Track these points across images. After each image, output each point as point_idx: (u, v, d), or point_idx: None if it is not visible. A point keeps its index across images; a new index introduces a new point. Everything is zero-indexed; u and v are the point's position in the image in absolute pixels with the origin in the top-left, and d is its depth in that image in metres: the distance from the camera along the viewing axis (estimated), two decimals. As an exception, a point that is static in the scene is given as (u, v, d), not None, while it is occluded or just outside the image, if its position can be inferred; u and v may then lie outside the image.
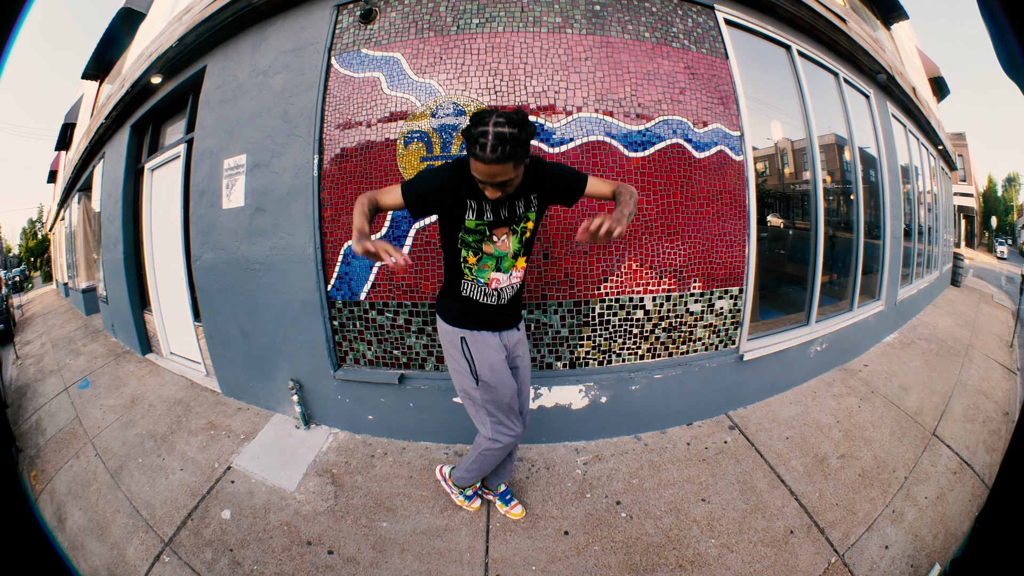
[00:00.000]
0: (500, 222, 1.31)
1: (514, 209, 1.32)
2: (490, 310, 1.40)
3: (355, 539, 1.67)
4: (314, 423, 2.44)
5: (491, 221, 1.30)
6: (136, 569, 1.61)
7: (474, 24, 2.13)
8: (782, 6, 2.62)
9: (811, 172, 2.91)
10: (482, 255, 1.34)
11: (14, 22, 0.70)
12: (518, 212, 1.33)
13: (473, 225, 1.29)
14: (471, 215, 1.28)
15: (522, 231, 1.36)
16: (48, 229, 11.98)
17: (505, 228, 1.33)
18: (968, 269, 7.63)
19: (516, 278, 1.41)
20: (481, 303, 1.39)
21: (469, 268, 1.35)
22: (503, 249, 1.34)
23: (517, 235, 1.36)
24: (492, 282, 1.36)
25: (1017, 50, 0.67)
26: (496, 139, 1.06)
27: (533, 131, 1.13)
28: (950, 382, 3.00)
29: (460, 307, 1.41)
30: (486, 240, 1.32)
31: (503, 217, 1.31)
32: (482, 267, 1.35)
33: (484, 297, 1.38)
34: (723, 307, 2.38)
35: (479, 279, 1.36)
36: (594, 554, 1.56)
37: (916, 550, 1.56)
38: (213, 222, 2.65)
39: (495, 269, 1.36)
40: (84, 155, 5.11)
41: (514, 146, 1.08)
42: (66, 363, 4.28)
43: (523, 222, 1.35)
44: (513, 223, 1.34)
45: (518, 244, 1.36)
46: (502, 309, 1.42)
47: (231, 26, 2.59)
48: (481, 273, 1.35)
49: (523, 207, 1.33)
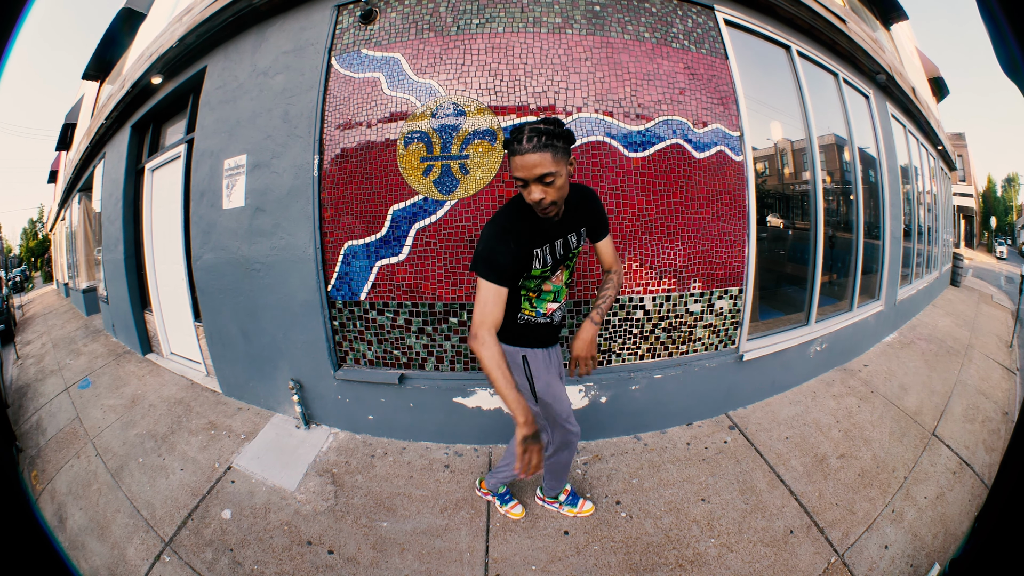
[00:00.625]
0: (558, 262, 1.35)
1: (568, 245, 1.36)
2: (543, 329, 1.46)
3: (355, 539, 1.67)
4: (314, 423, 2.45)
5: (554, 264, 1.34)
6: (136, 569, 1.61)
7: (474, 24, 2.13)
8: (782, 7, 2.63)
9: (811, 172, 2.91)
10: (541, 292, 1.40)
11: (15, 22, 0.70)
12: (571, 247, 1.37)
13: (538, 273, 1.34)
14: (536, 264, 1.30)
15: (572, 265, 1.45)
16: (49, 229, 11.99)
17: (561, 266, 1.40)
18: (967, 269, 7.64)
19: (563, 300, 1.49)
20: (537, 323, 1.44)
21: (528, 302, 1.40)
22: (558, 283, 1.42)
23: (569, 268, 1.44)
24: (549, 310, 1.44)
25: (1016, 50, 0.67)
26: (532, 132, 1.10)
27: (570, 133, 1.16)
28: (949, 382, 3.00)
29: (518, 331, 1.43)
30: (546, 281, 1.38)
31: (559, 257, 1.35)
32: (541, 300, 1.41)
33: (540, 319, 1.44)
34: (723, 307, 2.38)
35: (538, 310, 1.42)
36: (594, 554, 1.56)
37: (916, 550, 1.56)
38: (213, 222, 2.65)
39: (552, 300, 1.44)
40: (85, 155, 5.11)
41: (549, 137, 1.10)
42: (67, 363, 4.28)
43: (575, 257, 1.43)
44: (568, 260, 1.39)
45: (568, 275, 1.45)
46: (553, 328, 1.49)
47: (231, 26, 2.60)
48: (540, 305, 1.42)
49: (575, 242, 1.38)
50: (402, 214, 2.14)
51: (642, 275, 2.20)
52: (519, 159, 1.11)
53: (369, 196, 2.17)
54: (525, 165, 1.10)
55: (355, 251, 2.22)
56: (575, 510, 1.73)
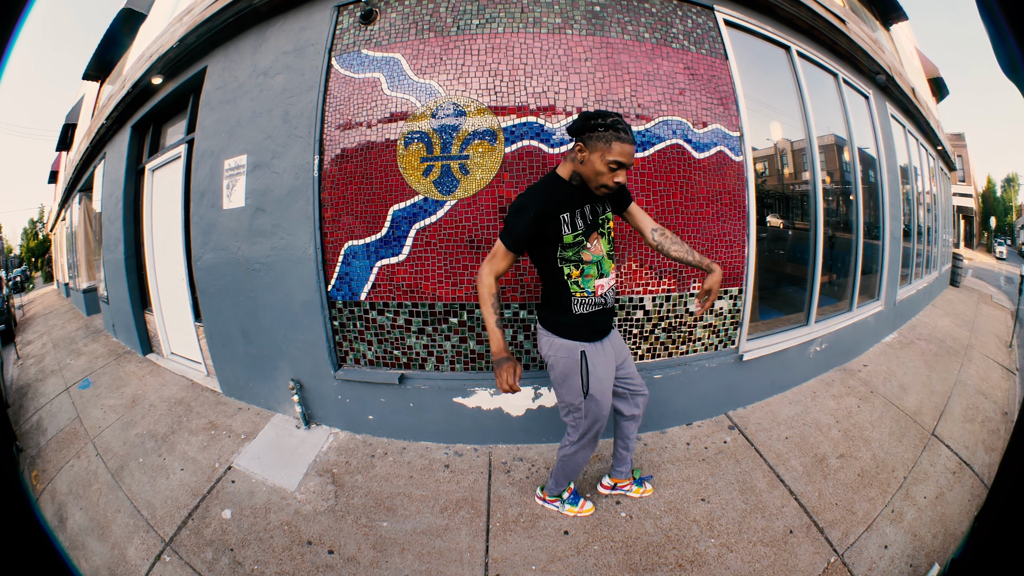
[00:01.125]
0: (591, 227, 1.41)
1: (596, 211, 1.42)
2: (597, 316, 1.47)
3: (355, 539, 1.67)
4: (314, 423, 2.45)
5: (585, 229, 1.39)
6: (137, 569, 1.61)
7: (474, 25, 2.13)
8: (782, 7, 2.63)
9: (810, 172, 2.92)
10: (583, 265, 1.41)
11: (15, 23, 0.70)
12: (599, 213, 1.43)
13: (571, 239, 1.38)
14: (566, 229, 1.37)
15: (608, 231, 1.47)
16: (49, 229, 12.00)
17: (595, 232, 1.42)
18: (967, 269, 7.65)
19: (613, 280, 1.51)
20: (589, 314, 1.45)
21: (576, 283, 1.41)
22: (598, 252, 1.43)
23: (605, 236, 1.46)
24: (598, 288, 1.44)
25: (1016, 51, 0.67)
26: (624, 127, 1.27)
27: None
28: (949, 382, 3.00)
29: (575, 320, 1.44)
30: (583, 249, 1.40)
31: (589, 222, 1.41)
32: (586, 277, 1.42)
33: (592, 307, 1.45)
34: (723, 307, 2.38)
35: (587, 289, 1.43)
36: (594, 554, 1.56)
37: (915, 550, 1.56)
38: (214, 222, 2.66)
39: (598, 276, 1.44)
40: (85, 155, 5.11)
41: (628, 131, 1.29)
42: (67, 363, 4.28)
43: (606, 222, 1.46)
44: (599, 226, 1.44)
45: (607, 244, 1.47)
46: (607, 312, 1.50)
47: (232, 27, 2.60)
48: (587, 283, 1.42)
49: (602, 208, 1.44)
50: (402, 214, 2.15)
51: (642, 275, 2.21)
52: (627, 147, 1.27)
53: (369, 196, 2.18)
54: (630, 153, 1.29)
55: (355, 251, 2.23)
56: (576, 509, 1.73)
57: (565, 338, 1.45)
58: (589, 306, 1.44)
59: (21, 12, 0.71)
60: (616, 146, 1.25)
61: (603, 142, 1.26)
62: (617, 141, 1.25)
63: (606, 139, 1.26)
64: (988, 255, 16.52)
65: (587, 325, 1.45)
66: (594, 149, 1.28)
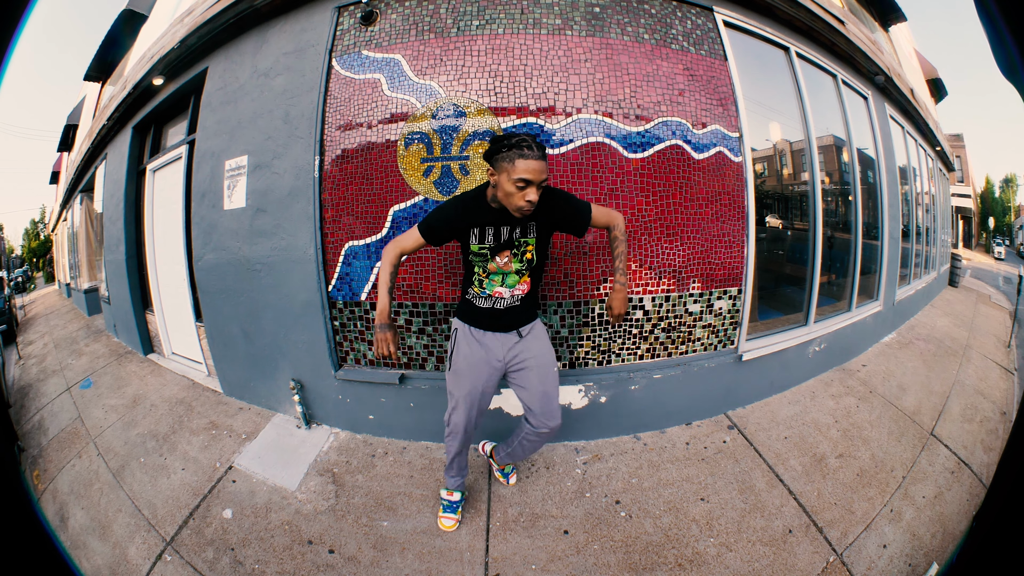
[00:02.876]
0: (500, 247, 1.46)
1: (512, 235, 1.45)
2: (485, 313, 1.54)
3: (356, 538, 1.68)
4: (315, 423, 2.45)
5: (492, 247, 1.45)
6: (138, 568, 1.61)
7: (474, 26, 2.14)
8: (781, 8, 2.64)
9: (809, 173, 2.93)
10: (488, 272, 1.50)
11: (16, 24, 0.70)
12: (515, 238, 1.45)
13: (476, 249, 1.46)
14: (474, 240, 1.45)
15: (522, 253, 1.48)
16: (50, 230, 12.00)
17: (507, 251, 1.46)
18: (966, 270, 7.66)
19: (519, 291, 1.53)
20: (478, 306, 1.54)
21: (479, 280, 1.52)
22: (506, 268, 1.49)
23: (518, 257, 1.48)
24: (495, 293, 1.52)
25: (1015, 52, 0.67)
26: (533, 141, 1.27)
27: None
28: (948, 382, 3.01)
29: (464, 305, 1.59)
30: (489, 261, 1.47)
31: (502, 242, 1.45)
32: (491, 281, 1.51)
33: (483, 302, 1.53)
34: (722, 307, 2.39)
35: (485, 289, 1.52)
36: (594, 553, 1.57)
37: (914, 549, 1.57)
38: (214, 223, 2.66)
39: (500, 284, 1.51)
40: (86, 156, 5.12)
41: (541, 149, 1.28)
42: (68, 363, 4.29)
43: (524, 246, 1.47)
44: (513, 246, 1.46)
45: (519, 264, 1.49)
46: (496, 313, 1.54)
47: (232, 28, 2.61)
48: (489, 285, 1.51)
49: (520, 233, 1.45)
50: (403, 215, 2.15)
51: (642, 275, 2.21)
52: (532, 163, 1.24)
53: (370, 197, 2.19)
54: (536, 169, 1.25)
55: (356, 251, 2.23)
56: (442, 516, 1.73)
57: (455, 316, 1.61)
58: (480, 300, 1.52)
59: (22, 13, 0.71)
60: (520, 164, 1.23)
61: (507, 162, 1.25)
62: (520, 159, 1.23)
63: (510, 159, 1.24)
64: (987, 255, 16.52)
65: (469, 312, 1.55)
66: (501, 171, 1.28)
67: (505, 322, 1.54)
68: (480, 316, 1.54)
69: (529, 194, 1.27)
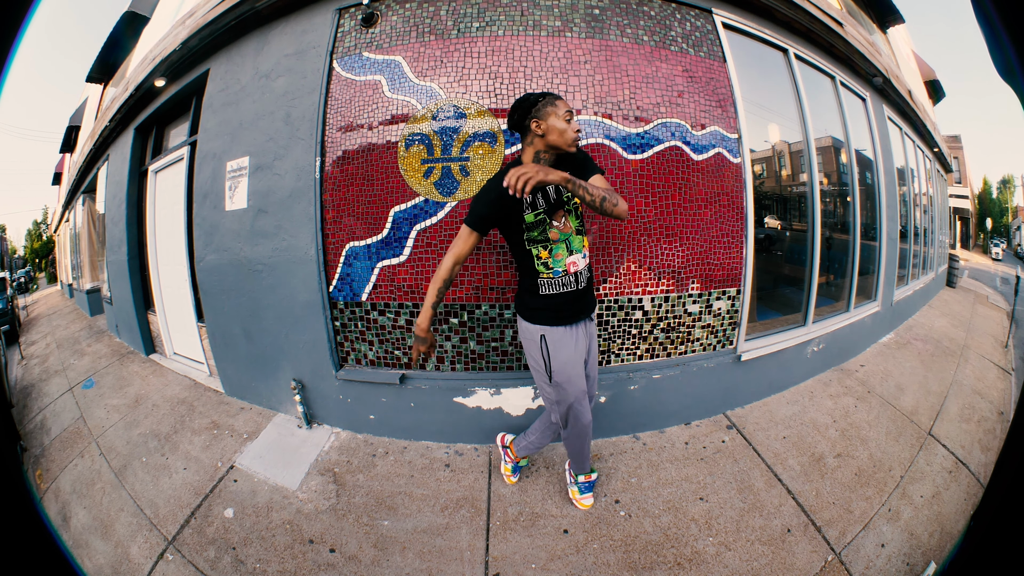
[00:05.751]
0: (554, 205, 1.44)
1: (559, 190, 1.44)
2: (570, 298, 1.49)
3: (357, 538, 1.69)
4: (316, 423, 2.46)
5: (546, 208, 1.43)
6: (140, 567, 1.62)
7: (474, 28, 2.16)
8: (779, 10, 2.65)
9: (808, 174, 2.94)
10: (551, 245, 1.44)
11: (19, 25, 0.71)
12: (563, 192, 1.45)
13: (533, 218, 1.42)
14: (528, 210, 1.42)
15: (575, 207, 1.48)
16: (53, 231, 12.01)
17: (560, 211, 1.45)
18: (963, 270, 7.67)
19: (587, 258, 1.52)
20: (562, 294, 1.48)
21: (544, 264, 1.46)
22: (566, 230, 1.45)
23: (572, 212, 1.47)
24: (570, 267, 1.46)
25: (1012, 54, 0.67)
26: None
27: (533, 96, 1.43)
28: (946, 382, 3.02)
29: (540, 304, 1.49)
30: (548, 228, 1.43)
31: (553, 200, 1.44)
32: (556, 256, 1.45)
33: (564, 287, 1.47)
34: (721, 308, 2.40)
35: (556, 269, 1.46)
36: (593, 552, 1.58)
37: (912, 548, 1.58)
38: (216, 224, 2.68)
39: (568, 253, 1.46)
40: (88, 157, 5.13)
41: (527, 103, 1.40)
42: (71, 363, 4.30)
43: (571, 201, 1.47)
44: (564, 204, 1.46)
45: (576, 220, 1.48)
46: (581, 295, 1.51)
47: (234, 29, 2.62)
48: (557, 263, 1.46)
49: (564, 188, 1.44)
50: (403, 216, 2.17)
51: (641, 276, 2.22)
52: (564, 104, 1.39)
53: (370, 198, 2.20)
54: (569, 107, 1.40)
55: (356, 252, 2.25)
56: (580, 497, 1.78)
57: (529, 322, 1.51)
58: (557, 287, 1.46)
59: (25, 15, 0.71)
60: (560, 103, 1.39)
61: (550, 105, 1.38)
62: (559, 100, 1.39)
63: (551, 102, 1.38)
64: (984, 256, 16.54)
65: (552, 308, 1.48)
66: (547, 115, 1.37)
67: (587, 301, 1.54)
68: (562, 306, 1.47)
69: (575, 124, 1.39)
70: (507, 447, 1.97)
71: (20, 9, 0.70)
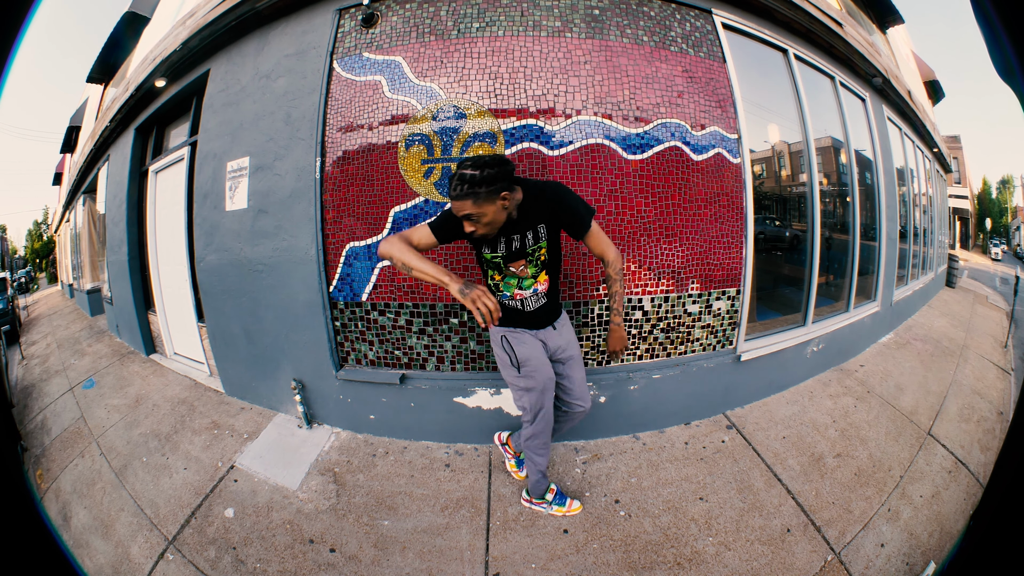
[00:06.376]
0: (513, 256, 1.45)
1: (524, 243, 1.44)
2: (516, 313, 1.56)
3: (357, 537, 1.69)
4: (316, 423, 2.47)
5: (504, 255, 1.45)
6: (140, 567, 1.63)
7: (475, 28, 2.16)
8: (779, 11, 2.65)
9: (808, 174, 2.94)
10: (504, 274, 1.50)
11: (19, 26, 0.71)
12: (528, 245, 1.45)
13: (489, 257, 1.47)
14: (486, 249, 1.46)
15: (537, 258, 1.48)
16: (53, 231, 12.03)
17: (521, 260, 1.46)
18: (963, 270, 7.67)
19: (541, 290, 1.54)
20: (510, 307, 1.56)
21: (496, 285, 1.53)
22: (522, 276, 1.49)
23: (533, 262, 1.48)
24: (516, 295, 1.53)
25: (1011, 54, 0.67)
26: (458, 180, 1.27)
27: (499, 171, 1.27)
28: (945, 382, 3.02)
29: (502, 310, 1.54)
30: (504, 268, 1.48)
31: (515, 250, 1.44)
32: (507, 283, 1.52)
33: (510, 303, 1.55)
34: (721, 308, 2.40)
35: (504, 293, 1.53)
36: (593, 552, 1.58)
37: (911, 548, 1.58)
38: (216, 224, 2.68)
39: (517, 287, 1.52)
40: (89, 158, 5.14)
41: (471, 185, 1.25)
42: (71, 363, 4.30)
43: (536, 252, 1.47)
44: (528, 255, 1.46)
45: (535, 268, 1.49)
46: (531, 314, 1.56)
47: (234, 30, 2.63)
48: (506, 288, 1.52)
49: (532, 240, 1.45)
50: (403, 216, 2.17)
51: (641, 276, 2.23)
52: (452, 202, 1.30)
53: (370, 198, 2.20)
54: (455, 207, 1.31)
55: (357, 252, 2.25)
56: (563, 509, 1.75)
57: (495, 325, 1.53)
58: (503, 299, 1.54)
59: (25, 15, 0.71)
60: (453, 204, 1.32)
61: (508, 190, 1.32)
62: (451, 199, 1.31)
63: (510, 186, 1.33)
64: (983, 256, 16.58)
65: (506, 316, 1.55)
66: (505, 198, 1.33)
67: (540, 317, 1.56)
68: (514, 317, 1.54)
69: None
70: (505, 444, 1.99)
71: (20, 9, 0.71)
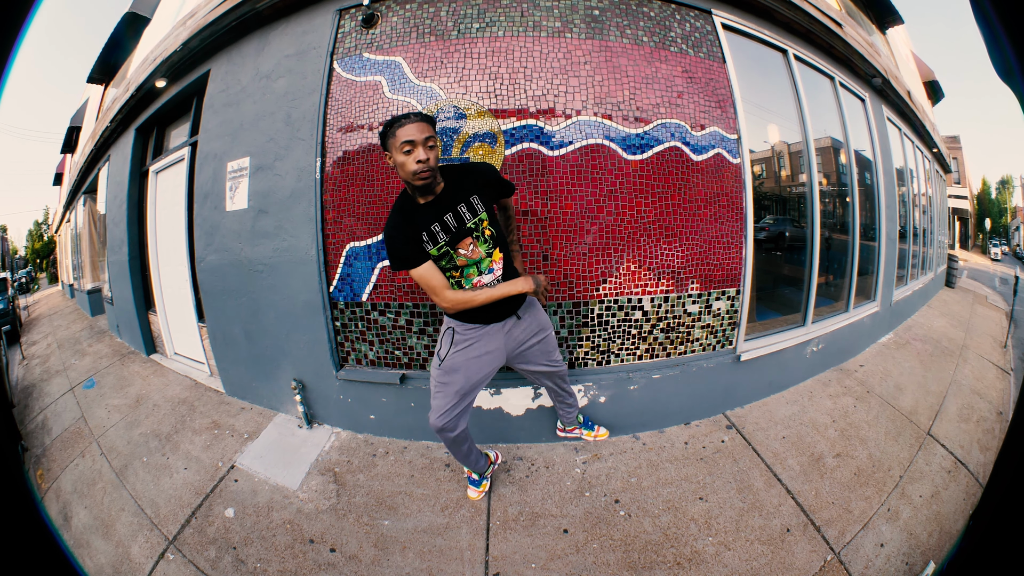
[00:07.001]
0: (457, 236, 1.41)
1: (460, 217, 1.41)
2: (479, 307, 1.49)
3: (357, 537, 1.69)
4: (316, 423, 2.47)
5: (448, 240, 1.40)
6: (140, 567, 1.63)
7: (475, 28, 2.16)
8: (779, 11, 2.66)
9: (807, 175, 2.94)
10: (461, 269, 1.46)
11: (20, 26, 0.71)
12: (467, 219, 1.42)
13: (436, 252, 1.40)
14: (430, 246, 1.40)
15: (481, 232, 1.46)
16: (54, 231, 12.04)
17: (467, 238, 1.42)
18: (962, 270, 7.68)
19: (497, 271, 1.52)
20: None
21: (459, 283, 1.50)
22: (474, 256, 1.46)
23: (480, 238, 1.45)
24: (477, 284, 1.49)
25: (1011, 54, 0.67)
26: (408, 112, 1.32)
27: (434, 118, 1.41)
28: (945, 382, 3.02)
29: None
30: (455, 257, 1.43)
31: (454, 229, 1.40)
32: (467, 277, 1.49)
33: None
34: (720, 308, 2.40)
35: (466, 286, 1.50)
36: (593, 552, 1.58)
37: (911, 548, 1.58)
38: (217, 224, 2.68)
39: (477, 273, 1.49)
40: (89, 158, 5.14)
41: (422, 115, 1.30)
42: (72, 363, 4.30)
43: (480, 223, 1.45)
44: (470, 231, 1.43)
45: (484, 244, 1.47)
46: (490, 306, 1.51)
47: (235, 30, 2.63)
48: (467, 281, 1.49)
49: (469, 213, 1.42)
50: (403, 216, 2.17)
51: (641, 276, 2.23)
52: (409, 127, 1.26)
53: (371, 198, 2.20)
54: (413, 130, 1.26)
55: (357, 253, 2.25)
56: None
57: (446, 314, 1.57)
58: None
59: (26, 16, 0.72)
60: (399, 131, 1.26)
61: (391, 137, 1.28)
62: (398, 127, 1.27)
63: (391, 133, 1.28)
64: (983, 256, 16.59)
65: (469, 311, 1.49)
66: (390, 148, 1.30)
67: (500, 310, 1.54)
68: (474, 311, 1.49)
69: (417, 154, 1.26)
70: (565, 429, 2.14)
71: (21, 9, 0.71)
